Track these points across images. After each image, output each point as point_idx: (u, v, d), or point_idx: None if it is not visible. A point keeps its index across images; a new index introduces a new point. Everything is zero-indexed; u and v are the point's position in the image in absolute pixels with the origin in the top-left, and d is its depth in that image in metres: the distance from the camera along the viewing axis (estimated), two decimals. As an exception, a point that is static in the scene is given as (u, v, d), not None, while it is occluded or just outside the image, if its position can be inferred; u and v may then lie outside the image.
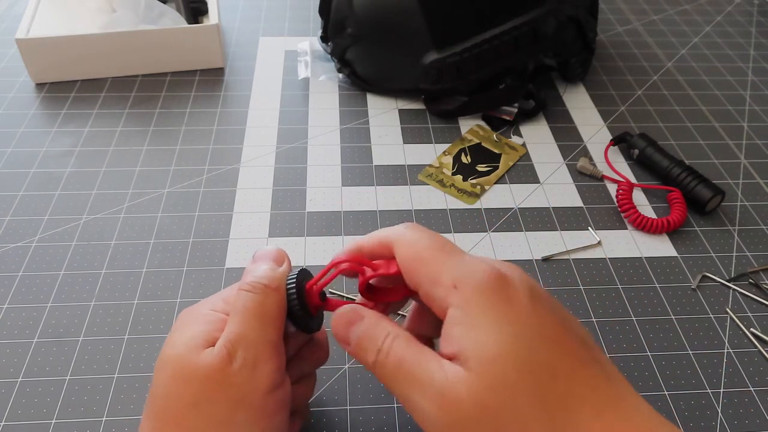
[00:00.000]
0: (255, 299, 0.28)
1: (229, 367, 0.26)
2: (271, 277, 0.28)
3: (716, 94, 0.65)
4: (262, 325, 0.27)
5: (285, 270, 0.29)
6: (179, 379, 0.26)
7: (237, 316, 0.27)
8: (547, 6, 0.55)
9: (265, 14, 0.74)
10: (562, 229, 0.48)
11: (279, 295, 0.28)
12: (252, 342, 0.27)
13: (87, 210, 0.48)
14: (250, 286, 0.28)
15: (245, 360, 0.26)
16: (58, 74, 0.60)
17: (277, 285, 0.28)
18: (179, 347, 0.27)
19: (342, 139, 0.56)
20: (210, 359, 0.26)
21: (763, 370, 0.40)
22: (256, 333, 0.27)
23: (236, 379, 0.26)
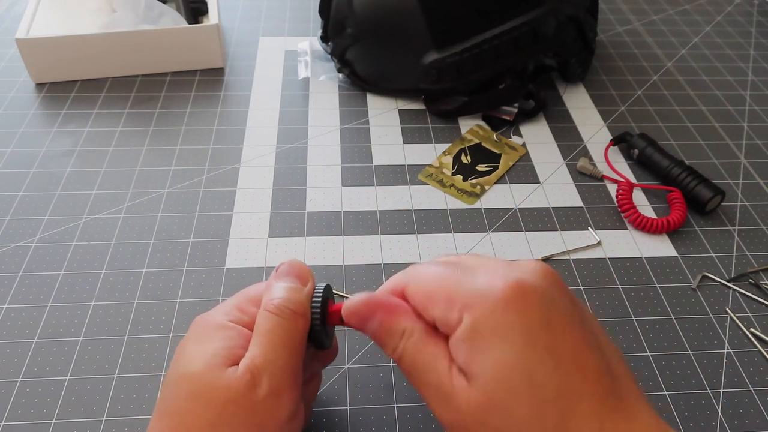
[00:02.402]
0: (282, 324, 0.27)
1: (254, 392, 0.25)
2: (298, 302, 0.28)
3: (716, 94, 0.65)
4: (288, 352, 0.27)
5: (310, 291, 0.29)
6: (199, 398, 0.25)
7: (262, 338, 0.27)
8: (547, 6, 0.55)
9: (265, 14, 0.74)
10: (562, 229, 0.48)
11: (305, 321, 0.28)
12: (278, 369, 0.26)
13: (87, 210, 0.48)
14: (277, 309, 0.27)
15: (271, 388, 0.26)
16: (58, 74, 0.60)
17: (303, 310, 0.28)
18: (198, 364, 0.26)
19: (342, 139, 0.56)
20: (234, 382, 0.25)
21: (763, 370, 0.40)
22: (282, 360, 0.26)
23: (260, 407, 0.25)
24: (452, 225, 0.48)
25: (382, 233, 0.47)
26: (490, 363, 0.23)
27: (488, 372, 0.23)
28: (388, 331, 0.26)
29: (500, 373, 0.23)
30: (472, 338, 0.24)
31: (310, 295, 0.29)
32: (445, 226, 0.48)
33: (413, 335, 0.26)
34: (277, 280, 0.29)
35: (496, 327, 0.24)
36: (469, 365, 0.24)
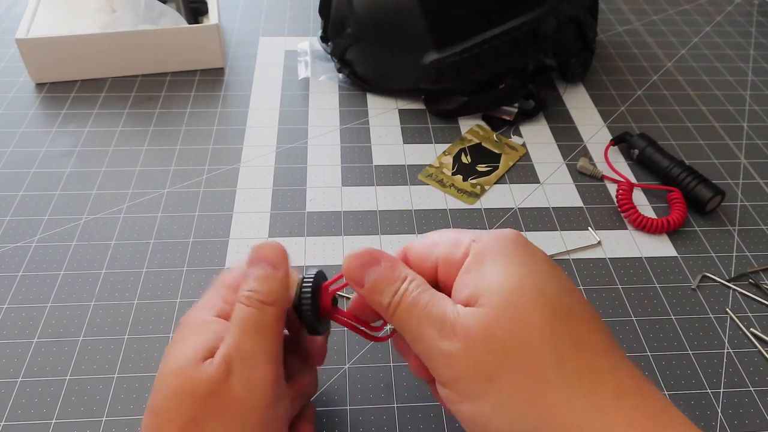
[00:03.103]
0: (252, 313, 0.27)
1: (228, 381, 0.26)
2: (266, 291, 0.28)
3: (716, 94, 0.65)
4: (260, 338, 0.27)
5: (283, 276, 0.28)
6: (180, 393, 0.26)
7: (235, 328, 0.27)
8: (547, 6, 0.55)
9: (265, 14, 0.74)
10: (562, 229, 0.48)
11: (276, 309, 0.28)
12: (249, 355, 0.26)
13: (87, 210, 0.48)
14: (247, 300, 0.27)
15: (242, 374, 0.26)
16: (58, 74, 0.60)
17: (274, 299, 0.28)
18: (180, 359, 0.27)
19: (342, 139, 0.56)
20: (209, 373, 0.26)
21: (763, 370, 0.40)
22: (252, 346, 0.26)
23: (235, 394, 0.26)
24: (452, 225, 0.48)
25: (382, 233, 0.47)
26: (499, 277, 0.24)
27: (498, 286, 0.24)
28: (389, 277, 0.27)
29: (510, 284, 0.24)
30: (481, 262, 0.25)
31: (282, 280, 0.28)
32: (445, 226, 0.48)
33: (414, 280, 0.26)
34: (249, 267, 0.29)
35: (503, 252, 0.25)
36: (477, 287, 0.24)
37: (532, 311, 0.23)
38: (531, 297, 0.23)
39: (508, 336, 0.23)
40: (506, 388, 0.23)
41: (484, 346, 0.23)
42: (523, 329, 0.23)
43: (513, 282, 0.24)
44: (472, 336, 0.24)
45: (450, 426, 0.36)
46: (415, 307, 0.26)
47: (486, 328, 0.23)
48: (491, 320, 0.23)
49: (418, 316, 0.25)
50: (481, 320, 0.23)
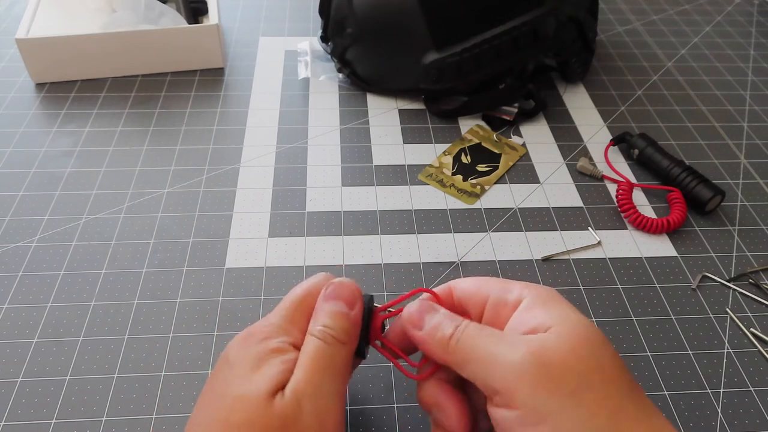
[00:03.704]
0: (325, 350, 0.27)
1: (299, 418, 0.25)
2: (341, 329, 0.28)
3: (716, 94, 0.65)
4: (330, 375, 0.27)
5: (357, 316, 0.29)
6: (254, 425, 0.25)
7: (306, 362, 0.27)
8: (547, 6, 0.55)
9: (265, 14, 0.74)
10: (562, 229, 0.48)
11: (348, 348, 0.28)
12: (321, 393, 0.26)
13: (87, 210, 0.48)
14: (321, 335, 0.27)
15: (313, 412, 0.25)
16: (58, 74, 0.60)
17: (347, 338, 0.28)
18: (255, 389, 0.26)
19: (342, 139, 0.56)
20: (283, 409, 0.25)
21: (763, 370, 0.40)
22: (324, 386, 0.26)
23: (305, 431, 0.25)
24: (452, 225, 0.48)
25: (382, 233, 0.47)
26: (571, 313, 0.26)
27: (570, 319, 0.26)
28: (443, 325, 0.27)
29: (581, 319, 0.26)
30: (544, 302, 0.27)
31: (356, 320, 0.29)
32: (445, 226, 0.48)
33: (470, 324, 0.27)
34: (324, 301, 0.29)
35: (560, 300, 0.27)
36: (547, 319, 0.26)
37: (601, 344, 0.25)
38: (597, 333, 0.26)
39: (587, 359, 0.24)
40: (589, 406, 0.24)
41: (562, 363, 0.24)
42: (598, 356, 0.25)
43: (581, 318, 0.26)
44: (549, 352, 0.24)
45: (450, 426, 0.36)
46: (481, 330, 0.27)
47: (565, 347, 0.25)
48: (568, 341, 0.25)
49: (486, 337, 0.26)
50: (560, 340, 0.25)
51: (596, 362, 0.25)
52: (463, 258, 0.46)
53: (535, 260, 0.46)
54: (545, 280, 0.44)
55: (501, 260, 0.46)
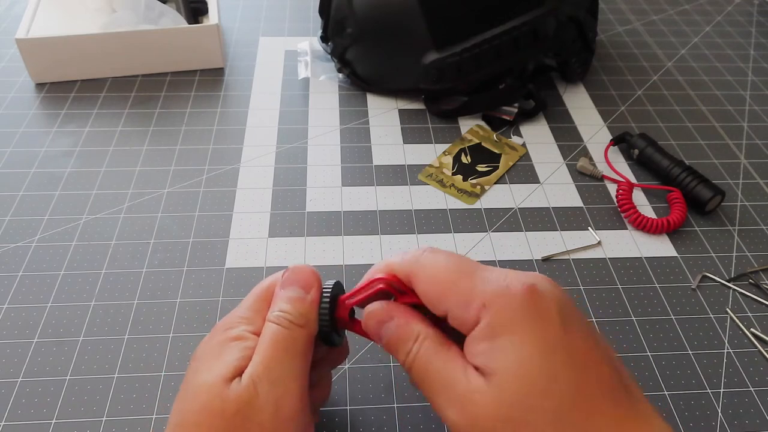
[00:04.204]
0: (281, 334, 0.27)
1: (255, 401, 0.25)
2: (297, 313, 0.28)
3: (716, 94, 0.65)
4: (288, 359, 0.27)
5: (314, 298, 0.29)
6: (211, 411, 0.26)
7: (264, 347, 0.27)
8: (547, 6, 0.55)
9: (265, 14, 0.74)
10: (562, 229, 0.48)
11: (306, 331, 0.28)
12: (277, 376, 0.26)
13: (87, 210, 0.48)
14: (277, 320, 0.27)
15: (269, 395, 0.26)
16: (58, 74, 0.60)
17: (304, 321, 0.28)
18: (211, 376, 0.26)
19: (342, 139, 0.56)
20: (237, 393, 0.26)
21: (763, 370, 0.40)
22: (280, 367, 0.26)
23: (261, 416, 0.25)
24: (452, 225, 0.48)
25: (382, 233, 0.47)
26: (512, 361, 0.23)
27: (510, 369, 0.23)
28: (403, 335, 0.27)
29: (523, 370, 0.23)
30: (492, 337, 0.24)
31: (312, 303, 0.29)
32: (445, 226, 0.48)
33: (427, 339, 0.26)
34: (281, 288, 0.29)
35: (516, 327, 0.24)
36: (489, 364, 0.24)
37: (541, 402, 0.23)
38: (541, 387, 0.23)
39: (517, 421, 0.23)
40: None
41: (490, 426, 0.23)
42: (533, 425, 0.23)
43: (524, 370, 0.23)
44: (480, 420, 0.24)
45: (450, 426, 0.36)
46: (426, 371, 0.26)
47: (494, 416, 0.23)
48: (500, 406, 0.23)
49: (430, 382, 0.26)
50: (491, 405, 0.23)
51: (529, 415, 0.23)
52: (463, 258, 0.46)
53: (535, 260, 0.46)
54: (545, 280, 0.44)
55: (501, 260, 0.46)
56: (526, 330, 0.24)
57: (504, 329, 0.24)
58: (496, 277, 0.25)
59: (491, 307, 0.24)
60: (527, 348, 0.23)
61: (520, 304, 0.24)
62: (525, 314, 0.24)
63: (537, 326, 0.24)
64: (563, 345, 0.24)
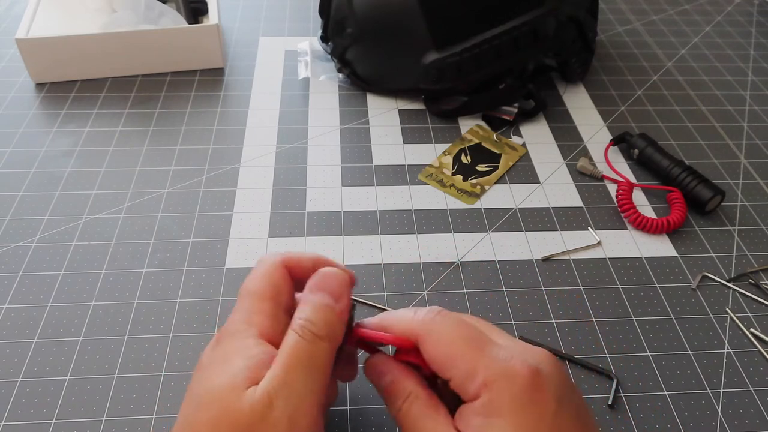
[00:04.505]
0: (303, 347, 0.26)
1: (269, 415, 0.25)
2: (323, 324, 0.27)
3: (716, 94, 0.65)
4: (307, 373, 0.26)
5: (343, 309, 0.28)
6: (220, 421, 0.25)
7: (282, 358, 0.26)
8: (547, 6, 0.55)
9: (265, 14, 0.74)
10: (562, 229, 0.48)
11: (329, 344, 0.27)
12: (294, 392, 0.25)
13: (87, 210, 0.48)
14: (301, 330, 0.26)
15: (285, 410, 0.25)
16: (58, 74, 0.60)
17: (328, 333, 0.27)
18: (222, 384, 0.25)
19: (342, 139, 0.56)
20: (252, 405, 0.25)
21: (763, 370, 0.40)
22: (299, 382, 0.25)
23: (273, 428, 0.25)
24: (452, 225, 0.48)
25: (382, 233, 0.47)
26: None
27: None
28: (395, 391, 0.28)
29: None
30: (487, 415, 0.25)
31: (341, 314, 0.28)
32: (445, 226, 0.48)
33: (417, 399, 0.27)
34: (310, 292, 0.28)
35: (511, 413, 0.25)
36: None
37: None
38: None
39: None
40: None
41: None
42: None
43: None
44: None
45: (450, 426, 0.36)
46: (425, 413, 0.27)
47: None
48: None
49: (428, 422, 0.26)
50: None
51: None
52: (463, 258, 0.46)
53: (535, 260, 0.46)
54: (545, 281, 0.44)
55: (501, 260, 0.46)
56: (520, 416, 0.25)
57: (500, 411, 0.25)
58: (503, 355, 0.26)
59: (492, 388, 0.25)
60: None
61: (520, 390, 0.25)
62: (523, 400, 0.25)
63: (532, 415, 0.25)
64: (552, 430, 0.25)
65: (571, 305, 0.43)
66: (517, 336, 0.41)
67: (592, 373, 0.39)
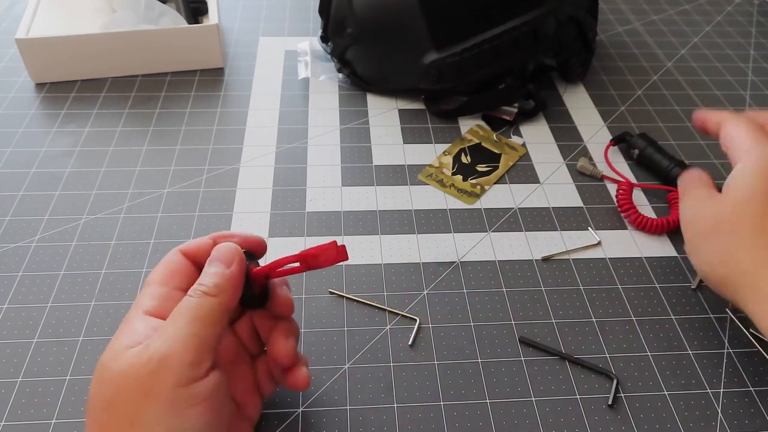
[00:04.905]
0: (187, 302, 0.28)
1: (144, 361, 0.26)
2: (212, 284, 0.29)
3: (716, 94, 0.65)
4: (187, 321, 0.28)
5: (234, 272, 0.30)
6: (100, 380, 0.27)
7: (170, 316, 0.28)
8: (547, 6, 0.55)
9: (265, 14, 0.74)
10: (562, 229, 0.48)
11: (218, 300, 0.29)
12: (171, 335, 0.27)
13: (87, 210, 0.48)
14: (191, 292, 0.29)
15: (154, 351, 0.26)
16: (58, 74, 0.60)
17: (217, 292, 0.29)
18: (107, 354, 0.28)
19: (342, 139, 0.56)
20: (128, 357, 0.27)
21: (763, 370, 0.40)
22: (179, 328, 0.27)
23: (143, 371, 0.26)
24: (452, 225, 0.48)
25: (382, 233, 0.47)
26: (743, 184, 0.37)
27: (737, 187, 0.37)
28: None
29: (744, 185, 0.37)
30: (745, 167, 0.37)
31: (231, 276, 0.30)
32: (445, 226, 0.48)
33: None
34: (207, 265, 0.31)
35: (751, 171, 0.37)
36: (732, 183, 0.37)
37: None
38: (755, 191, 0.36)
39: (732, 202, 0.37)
40: None
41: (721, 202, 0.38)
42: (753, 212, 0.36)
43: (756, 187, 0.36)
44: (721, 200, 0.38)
45: (450, 426, 0.36)
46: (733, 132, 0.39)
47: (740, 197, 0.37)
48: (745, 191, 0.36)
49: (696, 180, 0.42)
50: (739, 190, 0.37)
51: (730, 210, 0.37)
52: (463, 258, 0.46)
53: (535, 260, 0.46)
54: (545, 281, 0.44)
55: (501, 260, 0.46)
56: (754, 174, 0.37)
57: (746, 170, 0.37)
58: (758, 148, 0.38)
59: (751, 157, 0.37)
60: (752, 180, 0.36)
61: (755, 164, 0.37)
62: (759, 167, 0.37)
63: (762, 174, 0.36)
64: None
65: (571, 305, 0.43)
66: (517, 336, 0.41)
67: (592, 373, 0.39)
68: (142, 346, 0.27)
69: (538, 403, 0.37)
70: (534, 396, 0.38)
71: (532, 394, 0.38)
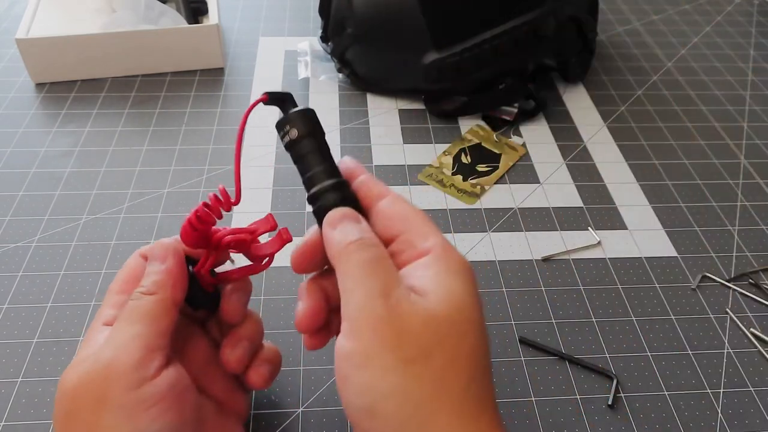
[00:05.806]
0: (129, 305, 0.28)
1: (93, 369, 0.26)
2: (150, 283, 0.29)
3: (716, 94, 0.65)
4: (129, 323, 0.28)
5: (166, 269, 0.30)
6: (59, 393, 0.27)
7: (115, 323, 0.28)
8: (547, 6, 0.55)
9: (265, 14, 0.74)
10: (562, 229, 0.48)
11: (156, 297, 0.29)
12: (115, 340, 0.27)
13: (87, 210, 0.48)
14: (132, 295, 0.29)
15: (102, 358, 0.26)
16: (58, 74, 0.60)
17: (154, 289, 0.29)
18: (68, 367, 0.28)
19: (342, 139, 0.56)
20: (81, 368, 0.27)
21: (763, 370, 0.40)
22: (123, 331, 0.27)
23: (96, 379, 0.26)
24: (452, 225, 0.48)
25: (382, 233, 0.47)
26: (453, 288, 0.26)
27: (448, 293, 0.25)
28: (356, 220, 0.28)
29: (458, 299, 0.25)
30: (444, 261, 0.26)
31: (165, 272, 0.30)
32: (445, 226, 0.48)
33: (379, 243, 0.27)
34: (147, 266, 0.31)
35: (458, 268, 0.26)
36: (425, 285, 0.26)
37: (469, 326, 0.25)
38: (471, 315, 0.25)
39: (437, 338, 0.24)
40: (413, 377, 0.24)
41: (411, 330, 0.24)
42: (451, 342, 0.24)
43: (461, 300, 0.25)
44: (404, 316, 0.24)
45: (450, 426, 0.36)
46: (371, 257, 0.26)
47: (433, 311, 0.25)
48: (436, 315, 0.25)
49: (373, 265, 0.26)
50: (429, 311, 0.25)
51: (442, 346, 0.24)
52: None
53: (535, 260, 0.46)
54: (545, 281, 0.44)
55: (501, 260, 0.46)
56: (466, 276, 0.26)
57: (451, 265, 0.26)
58: None
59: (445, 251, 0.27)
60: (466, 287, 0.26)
61: (462, 261, 0.27)
62: (465, 267, 0.27)
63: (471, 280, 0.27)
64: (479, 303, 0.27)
65: (571, 305, 0.43)
66: (517, 336, 0.41)
67: (592, 373, 0.39)
68: (93, 355, 0.27)
69: (538, 403, 0.37)
70: (534, 396, 0.38)
71: (531, 394, 0.38)
